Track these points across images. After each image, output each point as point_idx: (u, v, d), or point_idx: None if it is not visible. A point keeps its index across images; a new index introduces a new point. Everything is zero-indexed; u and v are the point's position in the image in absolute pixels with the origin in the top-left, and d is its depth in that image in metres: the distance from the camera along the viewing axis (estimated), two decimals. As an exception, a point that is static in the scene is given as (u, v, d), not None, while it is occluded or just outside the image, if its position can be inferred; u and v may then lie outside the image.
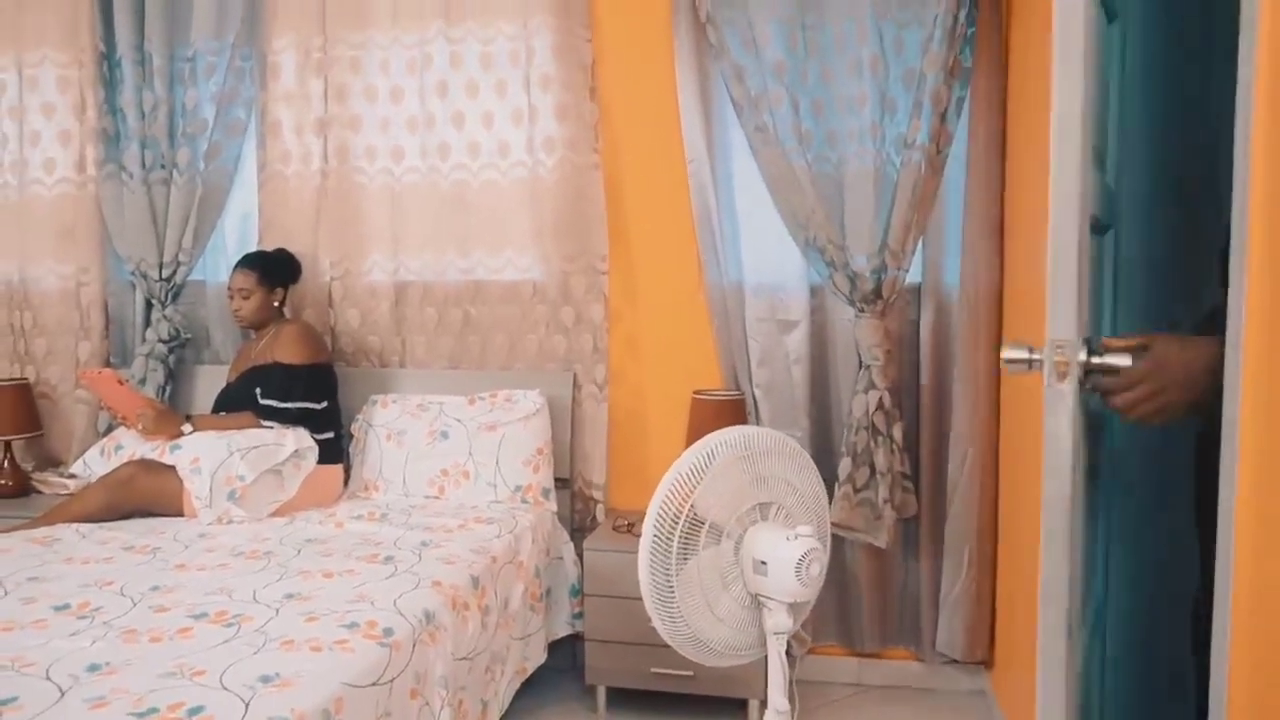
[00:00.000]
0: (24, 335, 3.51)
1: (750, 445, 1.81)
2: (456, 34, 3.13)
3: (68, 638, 1.78)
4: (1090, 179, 1.44)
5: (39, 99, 3.41)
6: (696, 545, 1.77)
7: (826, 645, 3.06)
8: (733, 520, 1.79)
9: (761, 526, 1.80)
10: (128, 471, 2.78)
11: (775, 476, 1.83)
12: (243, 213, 3.42)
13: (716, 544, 1.79)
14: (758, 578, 1.76)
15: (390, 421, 3.11)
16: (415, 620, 1.96)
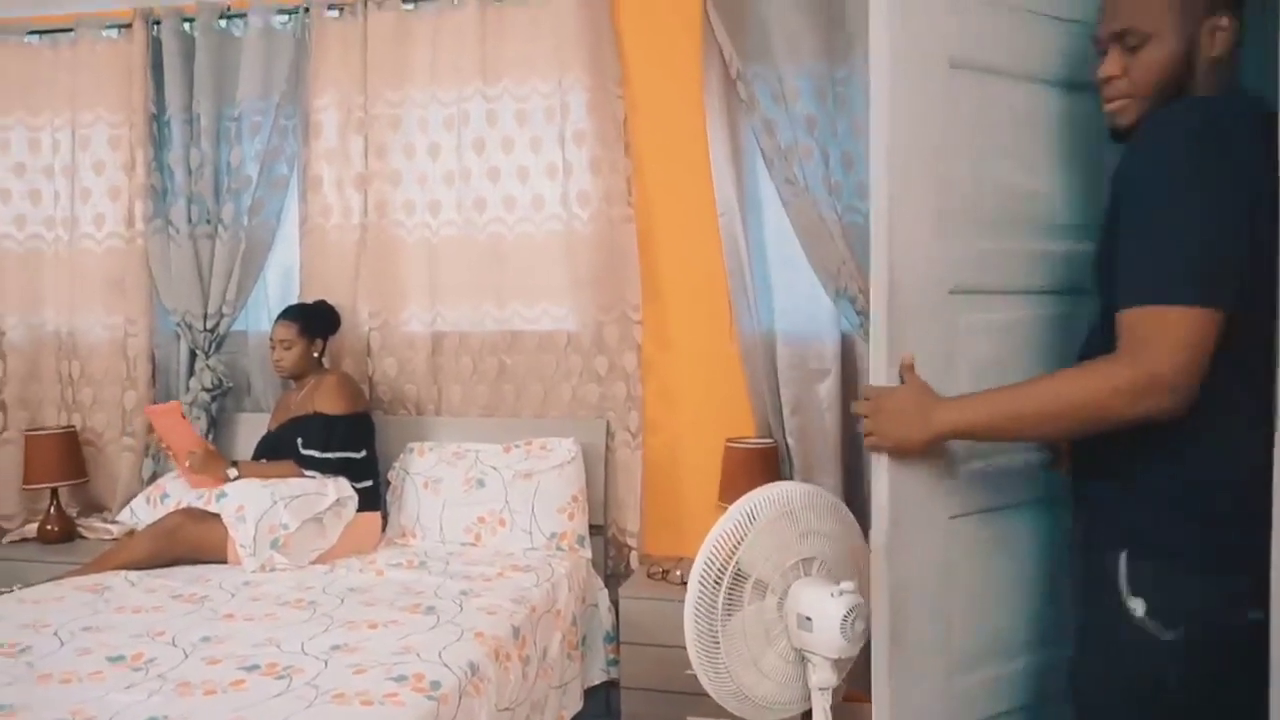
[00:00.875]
0: (72, 384, 3.60)
1: (791, 501, 1.83)
2: (493, 92, 3.23)
3: (124, 690, 1.83)
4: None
5: (91, 157, 3.53)
6: (741, 600, 1.79)
7: (856, 691, 3.05)
8: (776, 576, 1.81)
9: (805, 582, 1.82)
10: (175, 520, 2.85)
11: (817, 531, 1.86)
12: (285, 265, 3.51)
13: (761, 599, 1.81)
14: (802, 633, 1.78)
15: (427, 469, 3.16)
16: (460, 672, 1.99)
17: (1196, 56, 1.38)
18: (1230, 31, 1.38)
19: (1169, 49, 1.38)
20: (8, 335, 3.64)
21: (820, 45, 2.92)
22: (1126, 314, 1.28)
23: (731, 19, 2.98)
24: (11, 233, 3.62)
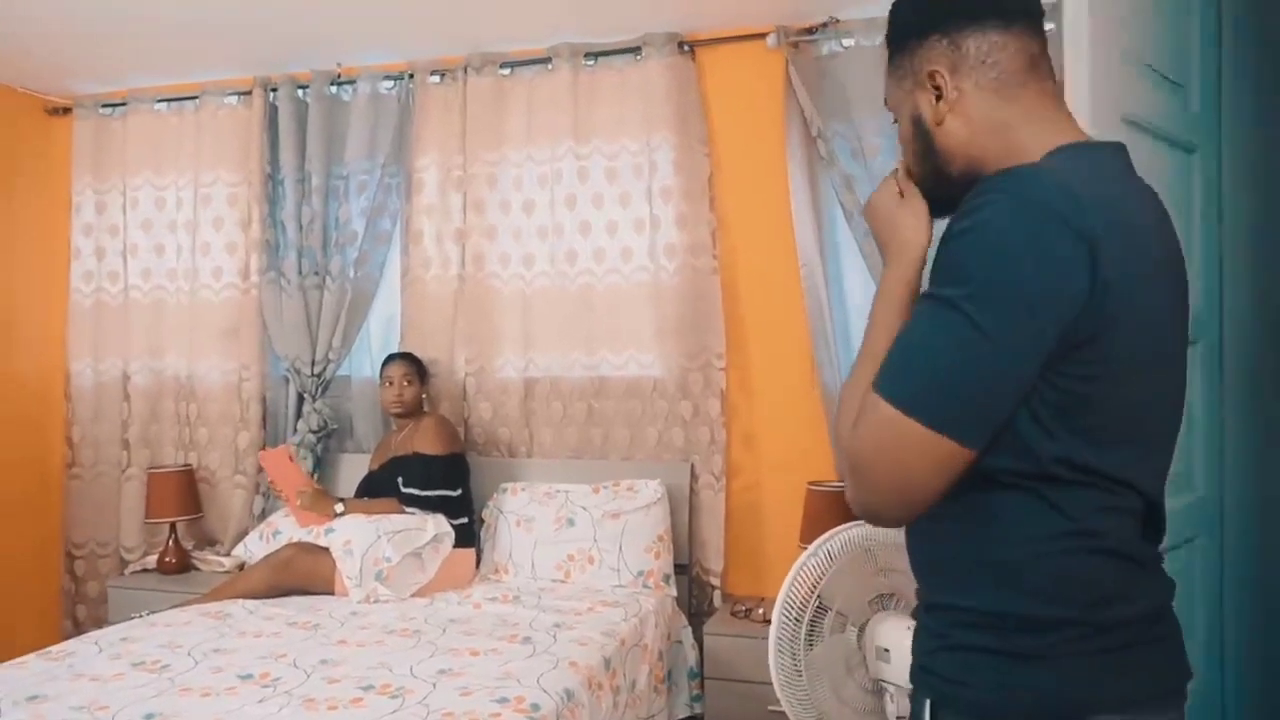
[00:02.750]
0: (189, 425, 3.86)
1: (871, 539, 1.93)
2: (584, 150, 3.42)
3: (257, 704, 1.99)
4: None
5: (211, 214, 3.82)
6: (822, 633, 1.89)
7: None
8: (856, 609, 1.91)
9: (884, 615, 1.91)
10: (288, 553, 3.04)
11: (895, 569, 1.95)
12: (386, 315, 3.73)
13: (841, 631, 1.91)
14: (880, 664, 1.87)
15: (520, 508, 3.31)
16: (558, 697, 2.11)
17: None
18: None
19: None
20: (133, 379, 3.93)
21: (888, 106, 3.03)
22: None
23: (811, 79, 3.13)
24: (138, 284, 3.92)
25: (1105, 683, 0.99)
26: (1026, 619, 0.99)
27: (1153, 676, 1.03)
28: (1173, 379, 1.08)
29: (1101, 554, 1.01)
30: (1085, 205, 0.94)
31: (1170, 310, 1.06)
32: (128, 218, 3.95)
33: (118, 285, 3.97)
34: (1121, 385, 0.99)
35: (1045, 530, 0.98)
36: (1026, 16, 1.10)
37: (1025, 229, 0.93)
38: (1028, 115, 1.08)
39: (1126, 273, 0.96)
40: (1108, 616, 1.00)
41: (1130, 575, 1.03)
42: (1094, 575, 1.00)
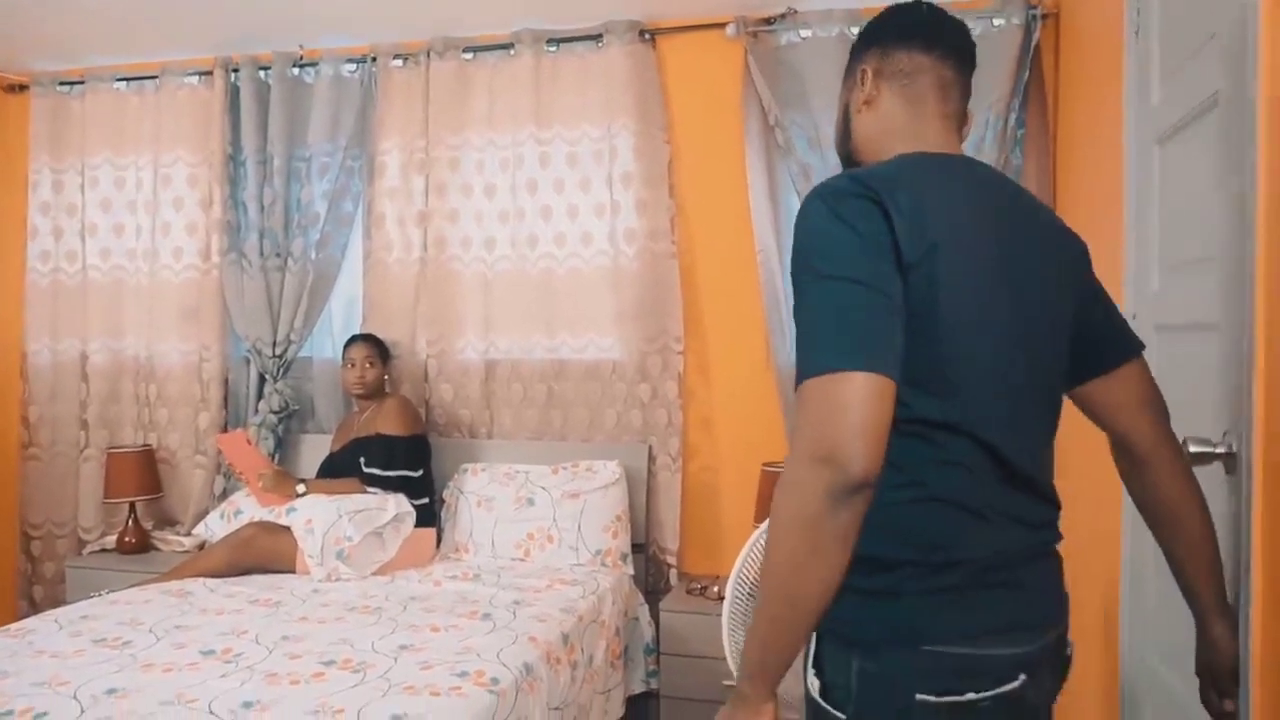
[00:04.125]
0: (149, 405, 3.86)
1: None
2: (545, 136, 3.46)
3: (219, 678, 2.04)
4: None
5: (171, 194, 3.80)
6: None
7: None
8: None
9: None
10: (249, 532, 3.07)
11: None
12: (348, 296, 3.75)
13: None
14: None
15: (480, 489, 3.36)
16: (517, 671, 2.18)
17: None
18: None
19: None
20: (91, 359, 3.91)
21: (853, 94, 3.11)
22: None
23: (770, 69, 3.19)
24: (97, 264, 3.90)
25: (941, 617, 1.13)
26: (876, 560, 1.13)
27: (992, 614, 1.15)
28: (1008, 335, 1.19)
29: (932, 503, 1.14)
30: (873, 182, 1.12)
31: (998, 275, 1.18)
32: (86, 197, 3.93)
33: (75, 265, 3.95)
34: (938, 336, 1.12)
35: (885, 481, 1.06)
36: (950, 49, 1.32)
37: (832, 207, 1.12)
38: (916, 127, 1.29)
39: (927, 238, 1.11)
40: (941, 559, 1.13)
41: (962, 524, 1.15)
42: (924, 523, 1.14)
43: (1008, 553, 1.18)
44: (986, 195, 1.24)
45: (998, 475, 1.17)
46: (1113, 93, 2.22)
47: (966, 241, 1.16)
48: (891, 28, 1.35)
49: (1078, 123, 2.71)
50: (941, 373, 1.13)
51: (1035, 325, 1.23)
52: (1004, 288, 1.19)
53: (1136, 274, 2.03)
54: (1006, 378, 1.19)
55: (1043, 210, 1.33)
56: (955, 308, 1.13)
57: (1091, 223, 2.52)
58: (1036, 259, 1.24)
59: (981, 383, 1.16)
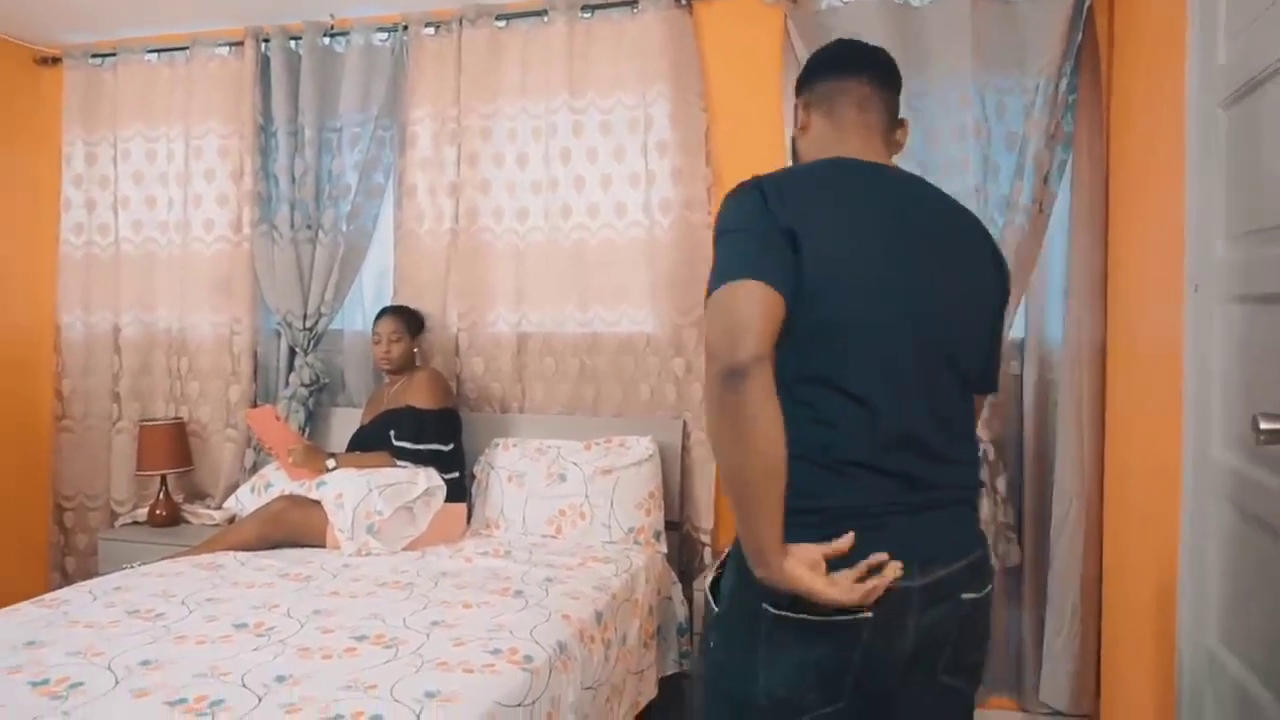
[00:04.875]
0: (180, 378, 3.85)
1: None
2: (579, 104, 3.38)
3: (251, 652, 2.01)
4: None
5: (203, 166, 3.78)
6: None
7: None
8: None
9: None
10: (279, 506, 3.05)
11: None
12: (379, 268, 3.71)
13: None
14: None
15: (511, 464, 3.32)
16: (550, 649, 2.13)
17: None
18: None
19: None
20: (123, 332, 3.91)
21: (896, 59, 3.00)
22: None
23: (810, 34, 3.09)
24: (129, 236, 3.89)
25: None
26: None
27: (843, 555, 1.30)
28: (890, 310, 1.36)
29: (798, 460, 1.29)
30: (763, 181, 1.38)
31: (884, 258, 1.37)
32: (119, 169, 3.91)
33: (108, 238, 3.93)
34: (813, 309, 1.31)
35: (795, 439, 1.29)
36: (863, 69, 1.56)
37: (732, 198, 1.40)
38: (837, 140, 1.52)
39: (804, 215, 1.32)
40: (801, 504, 1.30)
41: (820, 478, 1.33)
42: (795, 471, 1.28)
43: (870, 504, 1.33)
44: (887, 193, 1.44)
45: (872, 433, 1.33)
46: (1173, 54, 2.12)
47: (846, 225, 1.37)
48: (815, 65, 1.60)
49: (1134, 86, 2.59)
50: (819, 337, 1.32)
51: (928, 305, 1.39)
52: (892, 271, 1.37)
53: (1198, 242, 1.94)
54: (884, 347, 1.35)
55: (965, 227, 1.51)
56: (833, 282, 1.32)
57: (1147, 190, 2.42)
58: (937, 254, 1.42)
59: (857, 349, 1.34)
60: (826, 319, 1.32)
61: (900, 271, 1.37)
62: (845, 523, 1.31)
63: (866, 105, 1.53)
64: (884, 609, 1.31)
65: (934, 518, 1.38)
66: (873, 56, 1.59)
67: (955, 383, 1.43)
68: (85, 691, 1.79)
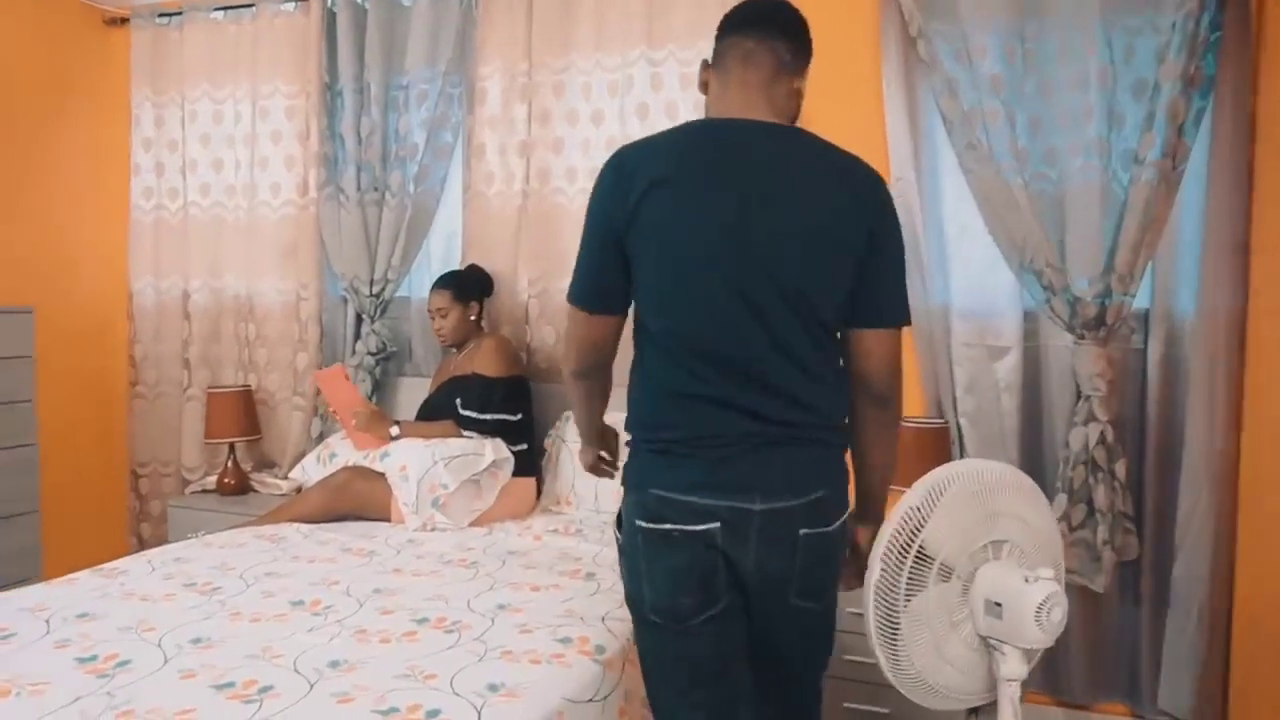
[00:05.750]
0: (248, 345, 3.76)
1: (983, 479, 1.71)
2: (658, 56, 3.17)
3: (306, 633, 1.87)
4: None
5: (269, 127, 3.66)
6: (924, 581, 1.68)
7: (1029, 691, 2.87)
8: (964, 558, 1.70)
9: (994, 565, 1.70)
10: (344, 477, 2.92)
11: (1008, 513, 1.73)
12: (447, 232, 3.56)
13: (945, 582, 1.70)
14: (990, 620, 1.66)
15: (584, 438, 3.14)
16: (624, 639, 1.95)
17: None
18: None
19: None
20: (193, 298, 3.83)
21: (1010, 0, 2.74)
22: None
23: (912, -26, 2.83)
24: (197, 200, 3.81)
25: (654, 471, 1.56)
26: (631, 431, 1.64)
27: (689, 474, 1.52)
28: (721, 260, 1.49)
29: (656, 392, 1.57)
30: (631, 155, 1.55)
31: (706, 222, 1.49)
32: (186, 131, 3.82)
33: (177, 202, 3.86)
34: (650, 267, 1.52)
35: (638, 375, 1.62)
36: (749, 23, 1.60)
37: (601, 174, 1.57)
38: (722, 100, 1.60)
39: (638, 201, 1.49)
40: (654, 434, 1.57)
41: (669, 408, 1.55)
42: (649, 407, 1.59)
43: (713, 434, 1.52)
44: (732, 152, 1.51)
45: (715, 374, 1.51)
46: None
47: (675, 190, 1.49)
48: (720, 25, 1.64)
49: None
50: (658, 293, 1.53)
51: (752, 253, 1.49)
52: (713, 228, 1.49)
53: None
54: (711, 295, 1.49)
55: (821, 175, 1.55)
56: (663, 240, 1.50)
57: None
58: (770, 204, 1.49)
59: (691, 300, 1.50)
60: (658, 277, 1.52)
61: (721, 227, 1.49)
62: (689, 448, 1.53)
63: (750, 60, 1.58)
64: (729, 521, 1.51)
65: (777, 454, 1.52)
66: (769, 12, 1.61)
67: (801, 324, 1.51)
68: (132, 670, 1.67)
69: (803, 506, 1.52)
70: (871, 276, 1.55)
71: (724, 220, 1.48)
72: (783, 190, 1.50)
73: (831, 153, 1.58)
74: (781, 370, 1.50)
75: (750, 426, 1.50)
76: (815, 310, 1.51)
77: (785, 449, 1.52)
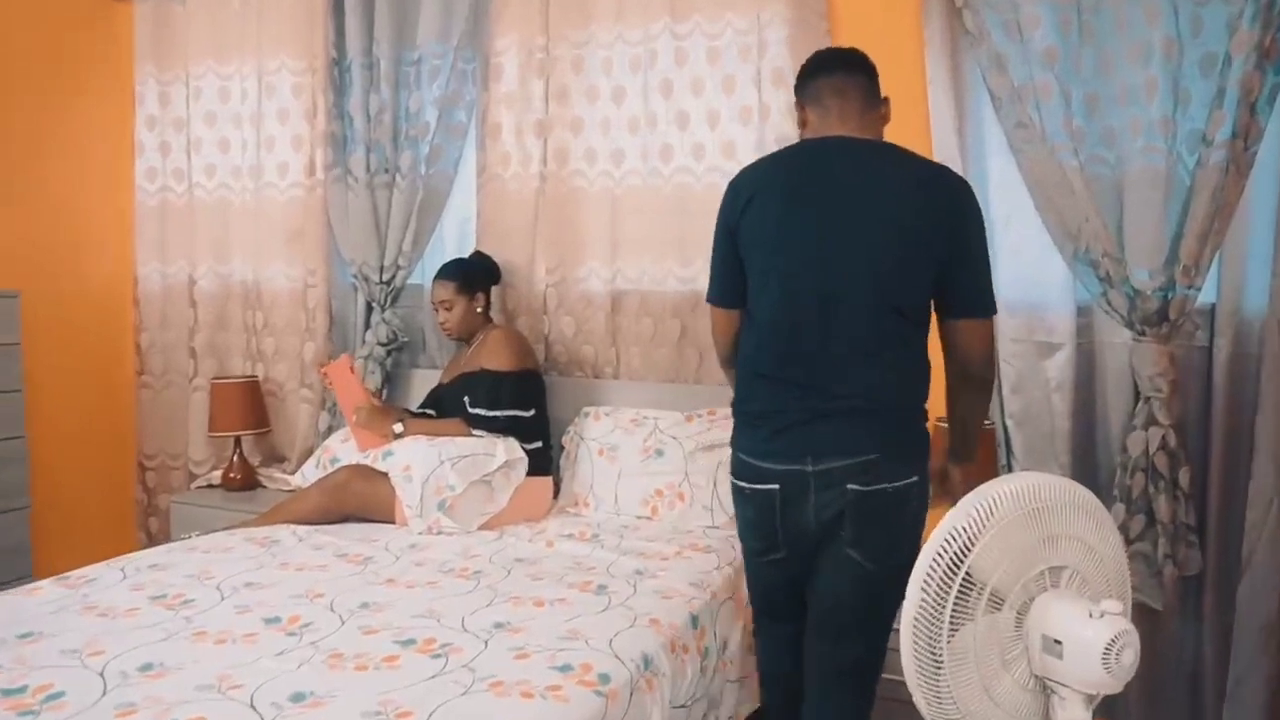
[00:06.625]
0: (256, 334, 3.62)
1: (1040, 497, 1.50)
2: (683, 29, 2.96)
3: (274, 657, 1.70)
4: None
5: (275, 105, 3.50)
6: (971, 612, 1.48)
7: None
8: (1017, 586, 1.49)
9: (1052, 596, 1.49)
10: (343, 476, 2.76)
11: (1069, 536, 1.52)
12: (461, 217, 3.39)
13: (995, 612, 1.49)
14: (1048, 658, 1.45)
15: (602, 435, 2.96)
16: (632, 665, 1.77)
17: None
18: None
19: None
20: (199, 284, 3.69)
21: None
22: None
23: (957, -63, 2.61)
24: (202, 182, 3.66)
25: (740, 437, 1.91)
26: (733, 405, 1.96)
27: (760, 441, 1.85)
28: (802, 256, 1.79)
29: (746, 371, 1.91)
30: (744, 175, 1.95)
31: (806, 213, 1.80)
32: (190, 110, 3.68)
33: (182, 184, 3.71)
34: (750, 263, 1.87)
35: (740, 356, 1.95)
36: (832, 66, 1.95)
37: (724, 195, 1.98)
38: (822, 123, 1.91)
39: (746, 208, 1.85)
40: (744, 407, 1.91)
41: (754, 384, 1.88)
42: (743, 382, 1.92)
43: (776, 409, 1.82)
44: (829, 162, 1.83)
45: (785, 357, 1.81)
46: None
47: (776, 196, 1.83)
48: (801, 76, 1.98)
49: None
50: (752, 288, 1.87)
51: (828, 248, 1.77)
52: (799, 225, 1.79)
53: None
54: (788, 286, 1.80)
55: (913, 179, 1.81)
56: (756, 242, 1.85)
57: None
58: (850, 207, 1.77)
59: (772, 293, 1.82)
60: (753, 275, 1.87)
61: (802, 229, 1.79)
62: (761, 419, 1.85)
63: (843, 93, 1.90)
64: (788, 484, 1.80)
65: (828, 424, 1.77)
66: (845, 56, 1.97)
67: (871, 316, 1.76)
68: (63, 706, 1.48)
69: (853, 466, 1.75)
70: (956, 273, 1.79)
71: (805, 223, 1.79)
72: (864, 195, 1.78)
73: (914, 161, 1.84)
74: (838, 352, 1.77)
75: (803, 401, 1.79)
76: (889, 300, 1.76)
77: (834, 420, 1.77)
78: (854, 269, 1.75)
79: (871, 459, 1.74)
